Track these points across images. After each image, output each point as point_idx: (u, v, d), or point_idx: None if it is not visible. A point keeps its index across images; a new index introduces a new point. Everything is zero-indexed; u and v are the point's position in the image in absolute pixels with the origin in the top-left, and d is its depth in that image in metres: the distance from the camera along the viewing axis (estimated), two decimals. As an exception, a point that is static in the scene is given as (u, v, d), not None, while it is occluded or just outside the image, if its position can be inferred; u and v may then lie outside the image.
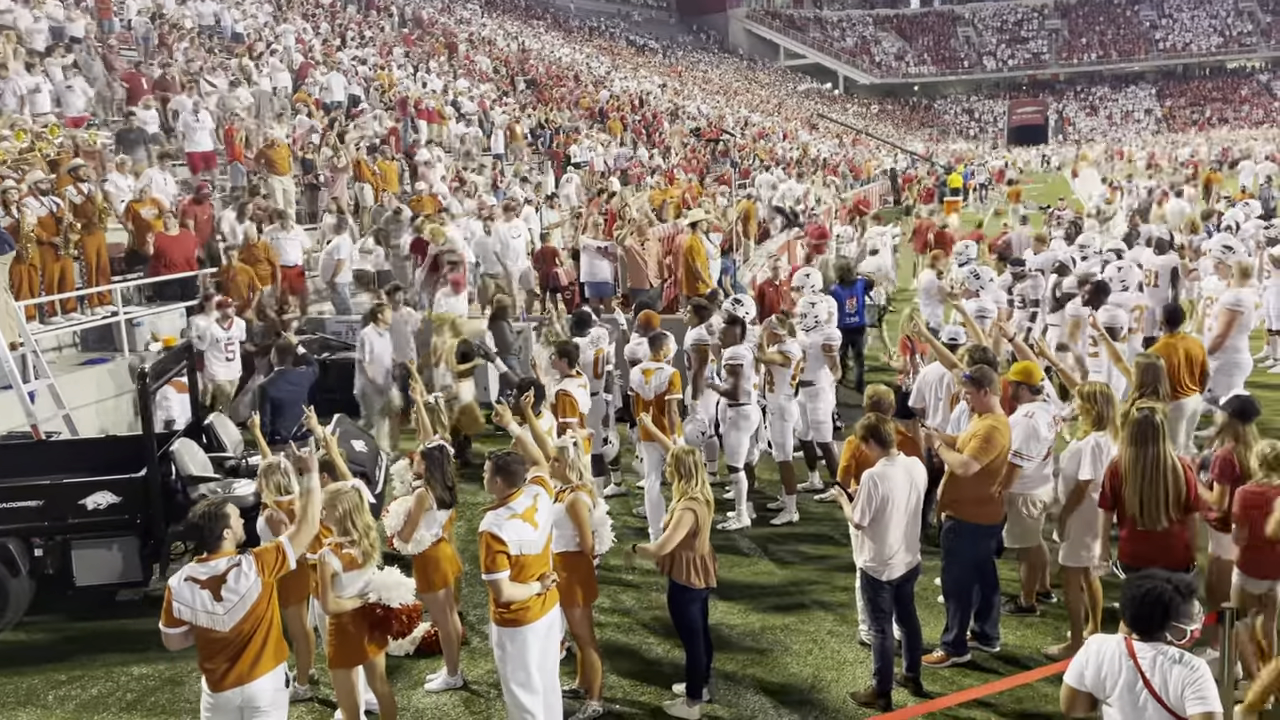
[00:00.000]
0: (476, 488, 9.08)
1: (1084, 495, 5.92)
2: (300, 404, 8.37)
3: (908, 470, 5.71)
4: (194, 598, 4.48)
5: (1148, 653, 3.59)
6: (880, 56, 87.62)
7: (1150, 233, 14.67)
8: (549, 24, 62.69)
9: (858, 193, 32.30)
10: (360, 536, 5.18)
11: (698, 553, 5.61)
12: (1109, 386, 6.25)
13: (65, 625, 7.43)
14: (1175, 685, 3.50)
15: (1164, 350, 8.21)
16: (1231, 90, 79.35)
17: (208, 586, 4.49)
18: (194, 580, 4.51)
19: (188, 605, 4.48)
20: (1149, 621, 3.61)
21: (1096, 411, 6.00)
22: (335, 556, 5.11)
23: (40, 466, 8.01)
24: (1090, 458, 5.87)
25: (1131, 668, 3.58)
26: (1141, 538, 5.37)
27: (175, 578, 4.57)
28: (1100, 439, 5.92)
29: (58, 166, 12.10)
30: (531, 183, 21.12)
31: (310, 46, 26.53)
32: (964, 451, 5.96)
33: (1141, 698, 3.55)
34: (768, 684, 6.18)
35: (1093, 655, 3.71)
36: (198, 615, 4.48)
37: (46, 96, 15.82)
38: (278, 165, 16.45)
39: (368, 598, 5.17)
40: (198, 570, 4.55)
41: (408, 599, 5.21)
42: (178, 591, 4.51)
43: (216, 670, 4.54)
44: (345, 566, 5.11)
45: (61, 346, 11.71)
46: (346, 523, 5.18)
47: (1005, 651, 6.39)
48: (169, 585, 4.56)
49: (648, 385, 7.95)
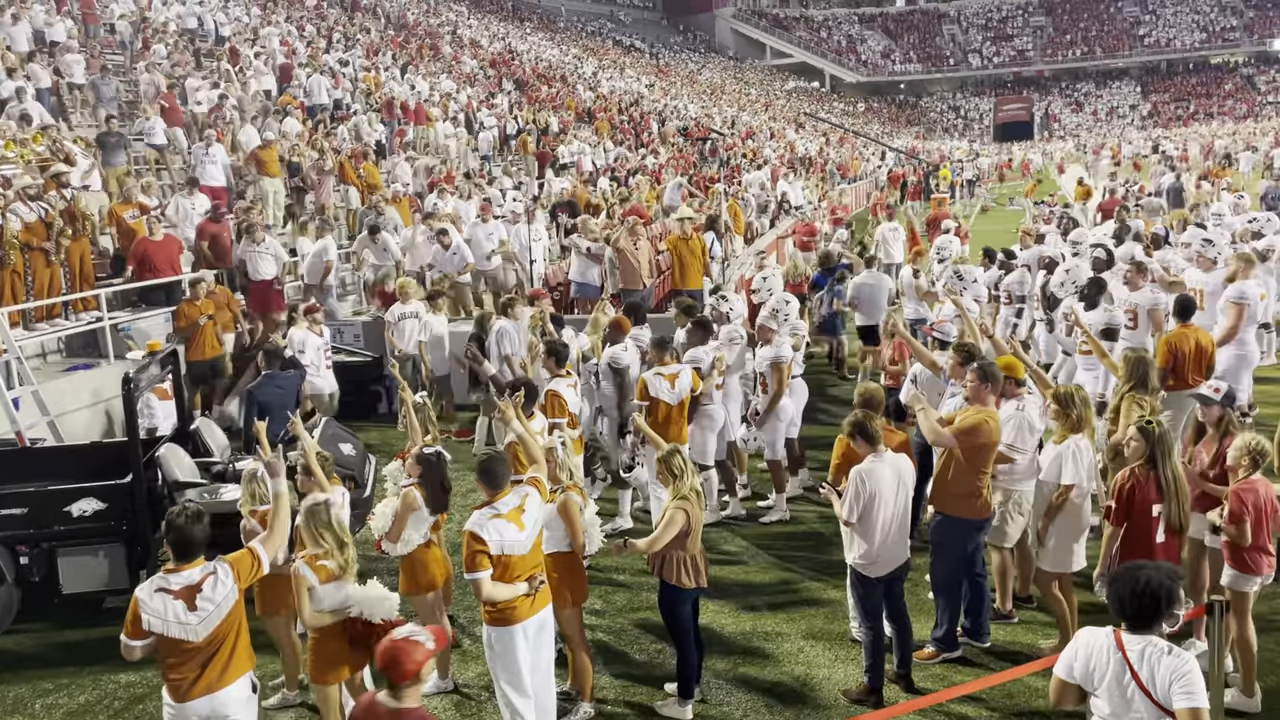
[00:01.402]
0: (469, 487, 9.07)
1: (1067, 500, 5.87)
2: (288, 408, 8.33)
3: (895, 467, 5.71)
4: (166, 609, 4.40)
5: (1136, 645, 3.58)
6: (866, 55, 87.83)
7: (1139, 228, 14.71)
8: (535, 25, 62.65)
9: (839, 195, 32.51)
10: (333, 549, 5.10)
11: (689, 553, 5.59)
12: (1082, 389, 6.18)
13: (52, 633, 7.37)
14: (1163, 678, 3.49)
15: (1176, 340, 8.24)
16: (1215, 85, 79.79)
17: (181, 596, 4.41)
18: (166, 591, 4.42)
19: (158, 616, 4.39)
20: (1147, 614, 3.60)
21: (1075, 415, 5.95)
22: (310, 568, 5.05)
23: (25, 473, 7.93)
24: (1072, 462, 5.84)
25: (1120, 660, 3.57)
26: (1156, 552, 5.30)
27: (144, 589, 4.46)
28: (1079, 441, 5.89)
29: (43, 172, 12.01)
30: (526, 193, 20.68)
31: (294, 49, 26.45)
32: (948, 430, 6.00)
33: (1129, 690, 3.54)
34: (759, 682, 6.17)
35: (1082, 647, 3.71)
36: (169, 626, 4.39)
37: (30, 101, 15.74)
38: (268, 167, 16.38)
39: (348, 611, 5.10)
40: (170, 581, 4.46)
41: (390, 614, 5.09)
42: (147, 603, 4.41)
43: (185, 680, 4.46)
44: (323, 580, 5.05)
45: (46, 352, 11.62)
46: (317, 535, 5.13)
47: (996, 647, 6.40)
48: (136, 597, 4.44)
49: (674, 390, 7.84)
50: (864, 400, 6.38)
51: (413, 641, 3.71)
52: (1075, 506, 5.88)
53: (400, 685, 3.69)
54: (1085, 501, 5.99)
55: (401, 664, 3.66)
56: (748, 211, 21.12)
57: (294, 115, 20.47)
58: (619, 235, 13.33)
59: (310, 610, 5.03)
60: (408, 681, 3.68)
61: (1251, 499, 5.36)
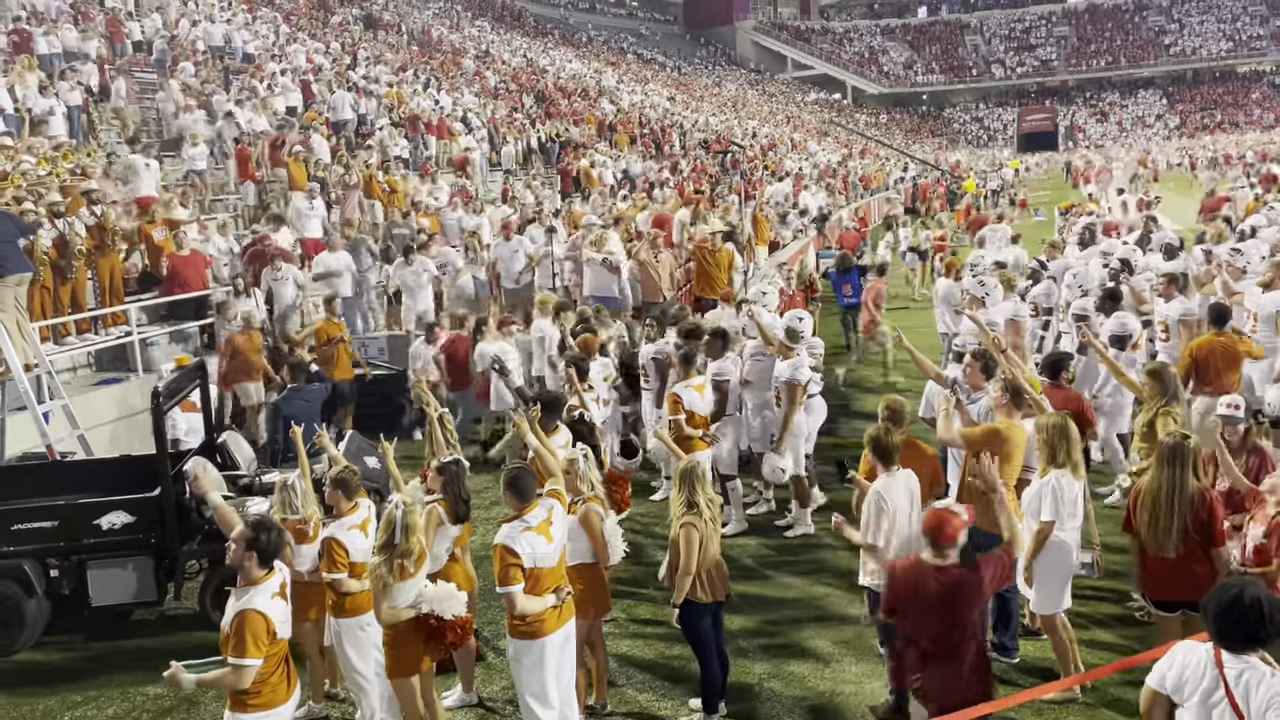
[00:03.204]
0: (490, 500, 9.09)
1: (1048, 538, 5.64)
2: (314, 421, 8.39)
3: (906, 483, 5.70)
4: (275, 611, 4.51)
5: (1235, 665, 3.45)
6: (888, 66, 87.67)
7: (1163, 239, 14.54)
8: (557, 39, 62.99)
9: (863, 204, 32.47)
10: (410, 549, 5.14)
11: (703, 567, 5.56)
12: (1067, 421, 5.79)
13: (81, 645, 7.44)
14: (1260, 700, 3.36)
15: (1208, 345, 8.17)
16: (1242, 94, 78.99)
17: (279, 595, 4.58)
18: (278, 596, 4.56)
19: (282, 621, 4.55)
20: (1238, 630, 3.45)
21: (1060, 450, 5.65)
22: (389, 568, 5.10)
23: (55, 487, 8.02)
24: (1051, 499, 5.58)
25: (1215, 676, 3.47)
26: (1157, 565, 5.24)
27: (259, 604, 4.45)
28: (1060, 478, 5.61)
29: (70, 190, 12.18)
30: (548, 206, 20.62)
31: (320, 67, 26.73)
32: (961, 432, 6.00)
33: (1219, 708, 3.43)
34: (785, 698, 6.13)
35: (1178, 659, 3.61)
36: (282, 628, 4.57)
37: (60, 120, 15.98)
38: (296, 180, 16.51)
39: (420, 608, 5.16)
40: (272, 585, 4.56)
41: (460, 610, 5.19)
42: (272, 612, 4.49)
43: (282, 684, 4.62)
44: (400, 579, 5.11)
45: (76, 367, 11.77)
46: (396, 533, 5.14)
47: (1025, 663, 6.32)
48: (261, 611, 4.43)
49: (703, 400, 8.08)
50: (890, 413, 6.32)
51: (951, 512, 4.56)
52: (1059, 544, 5.64)
53: (942, 545, 4.50)
54: (1070, 538, 5.72)
55: (944, 529, 4.48)
56: (770, 225, 21.12)
57: (319, 131, 20.67)
58: (640, 248, 13.35)
59: (386, 607, 5.10)
60: (948, 543, 4.49)
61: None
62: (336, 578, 5.56)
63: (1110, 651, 6.34)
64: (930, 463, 6.24)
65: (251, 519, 4.71)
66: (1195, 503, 5.23)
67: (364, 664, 5.69)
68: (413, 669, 5.30)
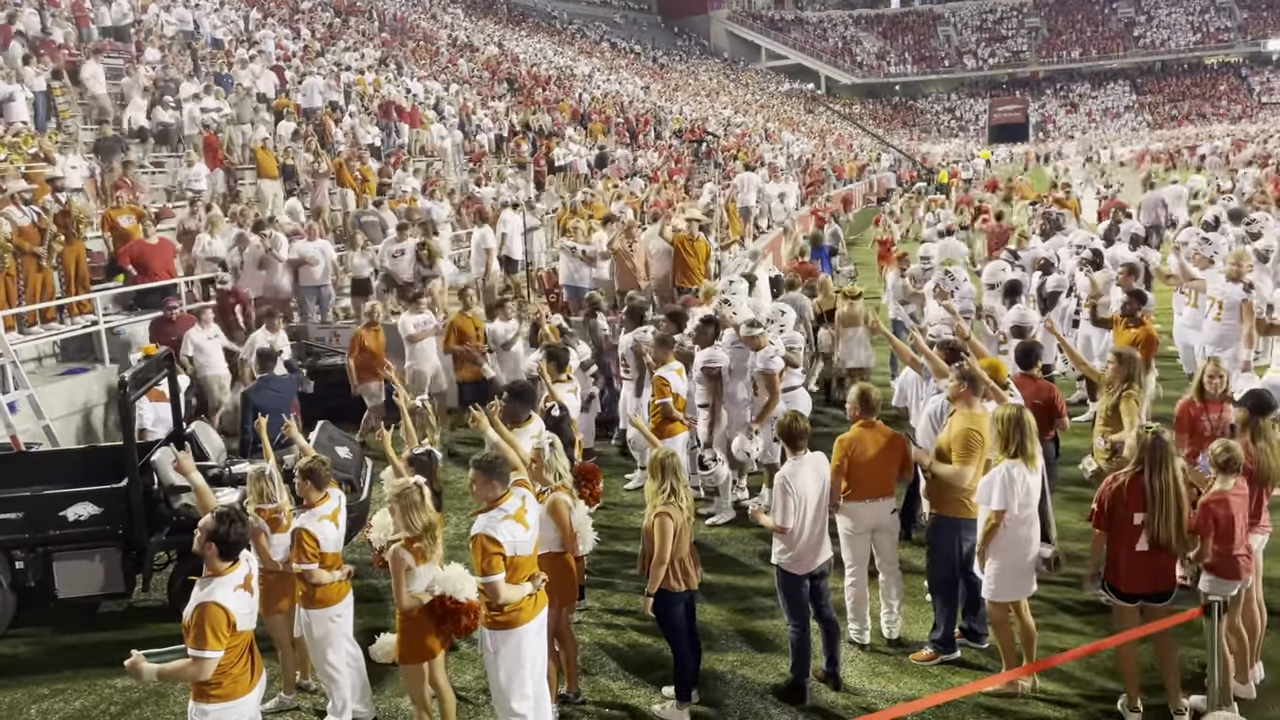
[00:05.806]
0: (463, 490, 9.04)
1: (999, 526, 5.61)
2: (284, 411, 8.31)
3: (815, 466, 5.89)
4: (237, 604, 4.46)
5: None
6: (861, 56, 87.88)
7: (1129, 229, 14.70)
8: (531, 27, 62.61)
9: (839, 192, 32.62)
10: (423, 532, 5.12)
11: (676, 556, 5.58)
12: (1023, 412, 5.74)
13: (48, 638, 7.35)
14: None
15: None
16: (1210, 86, 79.94)
17: (244, 588, 4.53)
18: (242, 589, 4.51)
19: (245, 614, 4.51)
20: None
21: (1014, 440, 5.59)
22: (407, 552, 5.06)
23: (21, 478, 7.89)
24: (1000, 489, 5.54)
25: None
26: (1135, 560, 5.28)
27: (220, 596, 4.41)
28: (1013, 469, 5.55)
29: (33, 177, 11.99)
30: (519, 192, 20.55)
31: (290, 52, 26.40)
32: (952, 458, 5.99)
33: None
34: (757, 684, 6.16)
35: None
36: (244, 620, 4.53)
37: (23, 105, 15.69)
38: (265, 168, 16.34)
39: (433, 591, 5.10)
40: (235, 578, 4.51)
41: (472, 594, 5.08)
42: (234, 606, 4.44)
43: (245, 674, 4.58)
44: (418, 562, 5.08)
45: (41, 356, 11.60)
46: (411, 519, 5.12)
47: (994, 647, 6.38)
48: (221, 604, 4.39)
49: (683, 380, 8.42)
50: (859, 400, 6.34)
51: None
52: (1013, 534, 5.63)
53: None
54: (1027, 529, 5.69)
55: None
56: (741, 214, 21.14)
57: (289, 118, 20.45)
58: (614, 237, 13.32)
59: (407, 593, 5.05)
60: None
61: (1222, 511, 5.25)
62: (307, 568, 5.53)
63: (1074, 635, 6.42)
64: (902, 448, 6.28)
65: (215, 510, 4.67)
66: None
67: (335, 655, 5.66)
68: (427, 654, 5.26)
